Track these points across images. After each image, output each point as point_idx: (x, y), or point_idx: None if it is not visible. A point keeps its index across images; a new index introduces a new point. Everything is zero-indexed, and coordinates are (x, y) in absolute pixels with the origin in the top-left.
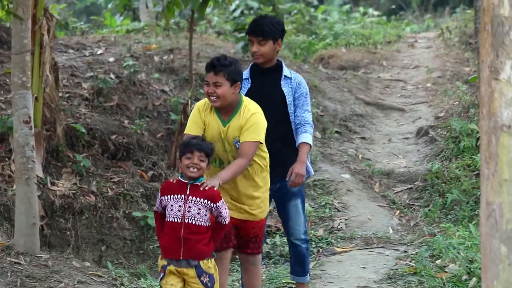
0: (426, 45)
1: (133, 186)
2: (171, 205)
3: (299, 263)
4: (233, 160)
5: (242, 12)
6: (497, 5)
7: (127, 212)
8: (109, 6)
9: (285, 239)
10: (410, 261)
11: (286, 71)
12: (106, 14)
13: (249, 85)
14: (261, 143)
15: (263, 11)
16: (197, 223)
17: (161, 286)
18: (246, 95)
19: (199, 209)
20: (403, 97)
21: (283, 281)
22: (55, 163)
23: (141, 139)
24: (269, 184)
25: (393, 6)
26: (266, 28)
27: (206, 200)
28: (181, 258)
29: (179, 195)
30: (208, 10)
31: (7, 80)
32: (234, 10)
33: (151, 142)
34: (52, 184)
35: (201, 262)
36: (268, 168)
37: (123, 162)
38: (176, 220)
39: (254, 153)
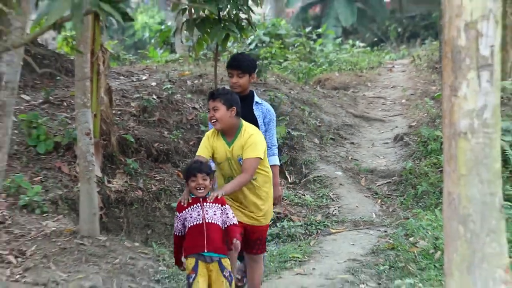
0: (401, 69)
1: (172, 183)
2: (191, 214)
3: None
4: None
5: (256, 45)
6: (456, 37)
7: (167, 203)
8: (152, 41)
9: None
10: (389, 239)
11: (257, 98)
12: (150, 48)
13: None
14: (261, 158)
15: (274, 44)
16: (215, 222)
17: (191, 285)
18: None
19: (215, 211)
20: (383, 111)
21: (290, 256)
22: (110, 165)
23: (177, 146)
24: (272, 196)
25: (375, 39)
26: (243, 64)
27: (217, 204)
28: (205, 250)
29: (195, 205)
30: (229, 44)
31: (72, 101)
32: (250, 43)
33: (185, 148)
34: (108, 182)
35: (222, 260)
36: (271, 181)
37: (164, 164)
38: (198, 223)
39: (255, 168)
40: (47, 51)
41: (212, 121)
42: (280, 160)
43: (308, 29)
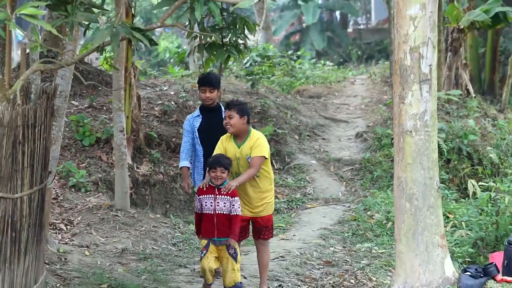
0: (361, 83)
1: None
2: (205, 202)
3: None
4: None
5: (250, 64)
6: (403, 58)
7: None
8: (171, 61)
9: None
10: (352, 213)
11: (223, 109)
12: (169, 66)
13: (200, 120)
14: (266, 158)
15: (264, 63)
16: (223, 213)
17: (201, 259)
18: (200, 126)
19: (224, 203)
20: (347, 114)
21: (276, 225)
22: (138, 155)
23: None
24: (273, 192)
25: (341, 60)
26: (214, 81)
27: (227, 196)
28: (215, 236)
29: (210, 195)
30: (230, 63)
31: (110, 106)
32: (246, 63)
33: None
34: (137, 168)
35: (230, 241)
36: (273, 181)
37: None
38: (210, 212)
39: (260, 164)
40: (91, 68)
41: (227, 126)
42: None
43: (290, 52)
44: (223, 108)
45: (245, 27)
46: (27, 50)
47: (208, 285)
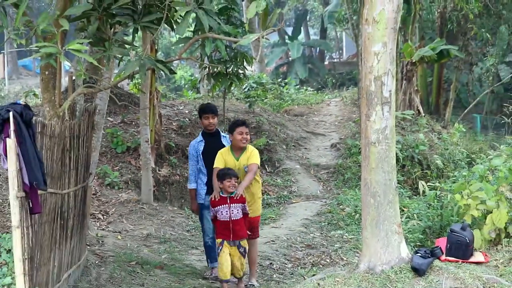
0: (335, 104)
1: None
2: (221, 211)
3: None
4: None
5: (248, 89)
6: (368, 85)
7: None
8: (186, 86)
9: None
10: (327, 207)
11: (222, 133)
12: (184, 90)
13: (203, 144)
14: (259, 166)
15: (260, 89)
16: (237, 218)
17: (218, 254)
18: (204, 150)
19: (238, 210)
20: (324, 129)
21: (268, 216)
22: (160, 160)
23: None
24: (260, 196)
25: (319, 86)
26: (215, 109)
27: (240, 204)
28: (230, 239)
29: (224, 205)
30: (232, 88)
31: (137, 121)
32: (245, 88)
33: None
34: (159, 170)
35: (241, 242)
36: (260, 187)
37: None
38: (225, 219)
39: (256, 170)
40: (123, 91)
41: (244, 141)
42: (261, 159)
43: (279, 80)
44: (221, 133)
45: (244, 60)
46: (73, 77)
47: (225, 281)
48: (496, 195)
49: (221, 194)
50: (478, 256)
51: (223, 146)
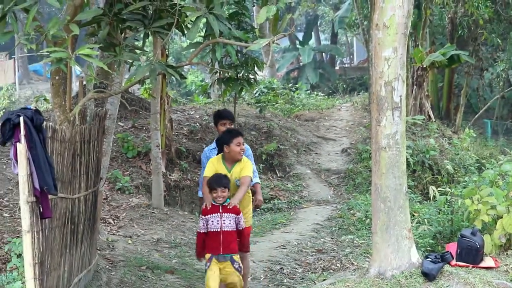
0: (346, 109)
1: None
2: (211, 221)
3: None
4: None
5: (259, 94)
6: (379, 90)
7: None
8: (196, 91)
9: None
10: (338, 211)
11: None
12: (195, 95)
13: (216, 152)
14: (251, 179)
15: (271, 94)
16: (229, 230)
17: (206, 271)
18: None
19: (230, 220)
20: (335, 134)
21: (278, 221)
22: (171, 165)
23: None
24: (250, 209)
25: (330, 91)
26: (232, 116)
27: (233, 214)
28: (220, 253)
29: (216, 214)
30: (242, 93)
31: (148, 126)
32: (255, 93)
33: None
34: (169, 175)
35: (233, 256)
36: (251, 200)
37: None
38: (216, 230)
39: (249, 183)
40: (134, 96)
41: (241, 152)
42: (270, 165)
43: (290, 85)
44: None
45: (255, 65)
46: (84, 82)
47: None
48: (507, 200)
49: (213, 203)
50: (488, 261)
51: None
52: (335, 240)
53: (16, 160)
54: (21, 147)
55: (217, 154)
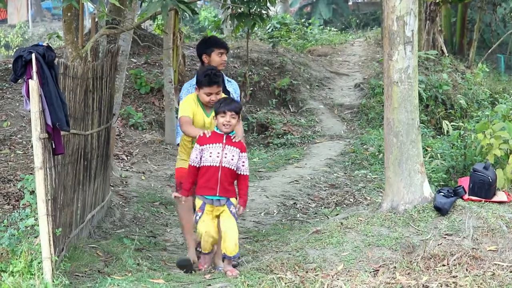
0: (358, 45)
1: None
2: (211, 152)
3: None
4: None
5: (272, 29)
6: (391, 25)
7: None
8: (209, 27)
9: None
10: (351, 146)
11: (225, 77)
12: (208, 31)
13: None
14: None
15: (283, 29)
16: (230, 167)
17: (197, 223)
18: None
19: (233, 155)
20: (348, 69)
21: (291, 156)
22: None
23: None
24: None
25: (343, 26)
26: (227, 46)
27: (238, 149)
28: (217, 194)
29: (217, 144)
30: (255, 28)
31: (161, 62)
32: (268, 28)
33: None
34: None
35: (230, 199)
36: None
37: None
38: (214, 164)
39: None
40: (146, 32)
41: (214, 102)
42: (283, 100)
43: (303, 20)
44: (225, 76)
45: (267, 0)
46: (96, 19)
47: (205, 255)
48: None
49: (216, 130)
50: (500, 196)
51: (228, 93)
52: (348, 175)
53: (28, 97)
54: (33, 83)
55: None
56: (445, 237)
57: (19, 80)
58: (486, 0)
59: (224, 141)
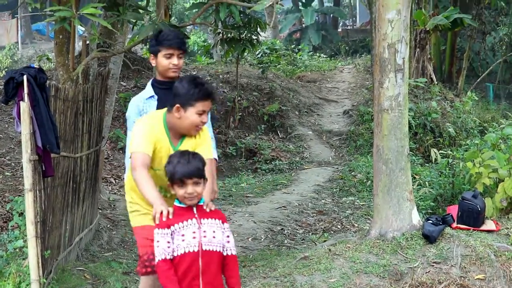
0: (348, 71)
1: None
2: (182, 235)
3: None
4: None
5: (261, 55)
6: (382, 52)
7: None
8: (199, 52)
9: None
10: (339, 173)
11: None
12: (198, 56)
13: (156, 102)
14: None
15: (273, 55)
16: (214, 249)
17: None
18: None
19: (214, 231)
20: (337, 95)
21: (279, 182)
22: None
23: (213, 110)
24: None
25: (332, 53)
26: (185, 43)
27: (218, 220)
28: None
29: (189, 220)
30: (245, 54)
31: None
32: (258, 54)
33: (218, 115)
34: None
35: None
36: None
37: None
38: (192, 250)
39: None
40: (137, 56)
41: (200, 127)
42: (271, 126)
43: (292, 46)
44: None
45: (257, 26)
46: (87, 42)
47: None
48: (508, 164)
49: (178, 204)
50: (489, 224)
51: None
52: (336, 202)
53: (19, 119)
54: (24, 105)
55: (157, 107)
56: (433, 265)
57: (10, 102)
58: (475, 29)
59: (196, 215)
